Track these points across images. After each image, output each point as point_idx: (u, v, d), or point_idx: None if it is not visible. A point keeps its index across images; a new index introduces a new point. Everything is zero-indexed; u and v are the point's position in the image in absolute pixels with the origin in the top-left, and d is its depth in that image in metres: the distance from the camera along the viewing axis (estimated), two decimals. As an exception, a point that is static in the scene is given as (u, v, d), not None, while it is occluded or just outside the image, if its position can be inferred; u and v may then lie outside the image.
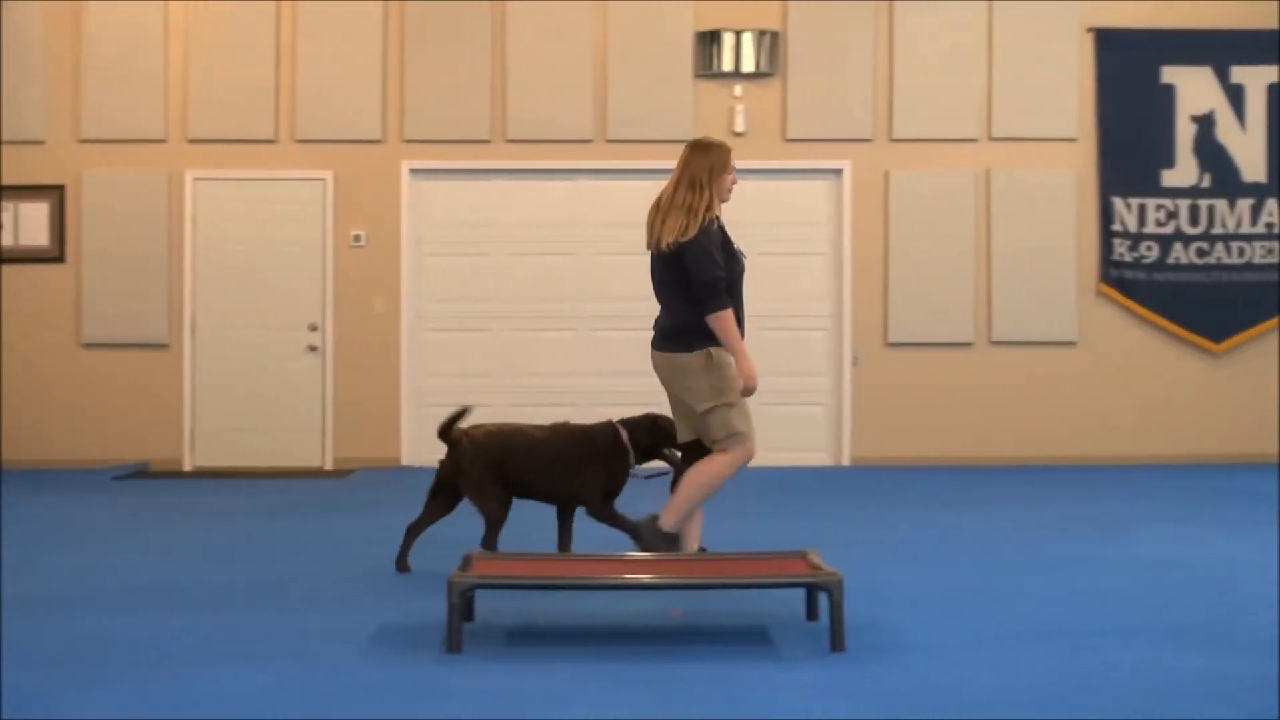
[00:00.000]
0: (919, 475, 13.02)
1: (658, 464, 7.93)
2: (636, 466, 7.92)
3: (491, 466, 7.88)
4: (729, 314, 7.35)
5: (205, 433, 13.76)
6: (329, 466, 13.71)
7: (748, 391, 7.39)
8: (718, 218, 7.45)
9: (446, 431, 7.99)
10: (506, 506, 7.93)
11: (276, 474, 13.29)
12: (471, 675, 5.53)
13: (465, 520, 8.05)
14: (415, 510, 10.70)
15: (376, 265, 13.78)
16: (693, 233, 7.33)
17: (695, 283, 7.32)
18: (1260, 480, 12.42)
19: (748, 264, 7.67)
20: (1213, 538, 9.18)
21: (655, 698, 5.20)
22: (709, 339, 7.38)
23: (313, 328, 13.76)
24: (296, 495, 11.70)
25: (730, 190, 7.54)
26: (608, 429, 8.04)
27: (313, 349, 13.75)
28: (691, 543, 7.37)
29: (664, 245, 7.38)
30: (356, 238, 13.78)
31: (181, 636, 6.21)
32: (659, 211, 7.49)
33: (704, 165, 7.42)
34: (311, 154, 13.76)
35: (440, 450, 8.11)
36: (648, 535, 7.24)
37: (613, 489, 7.89)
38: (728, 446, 7.37)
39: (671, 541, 7.22)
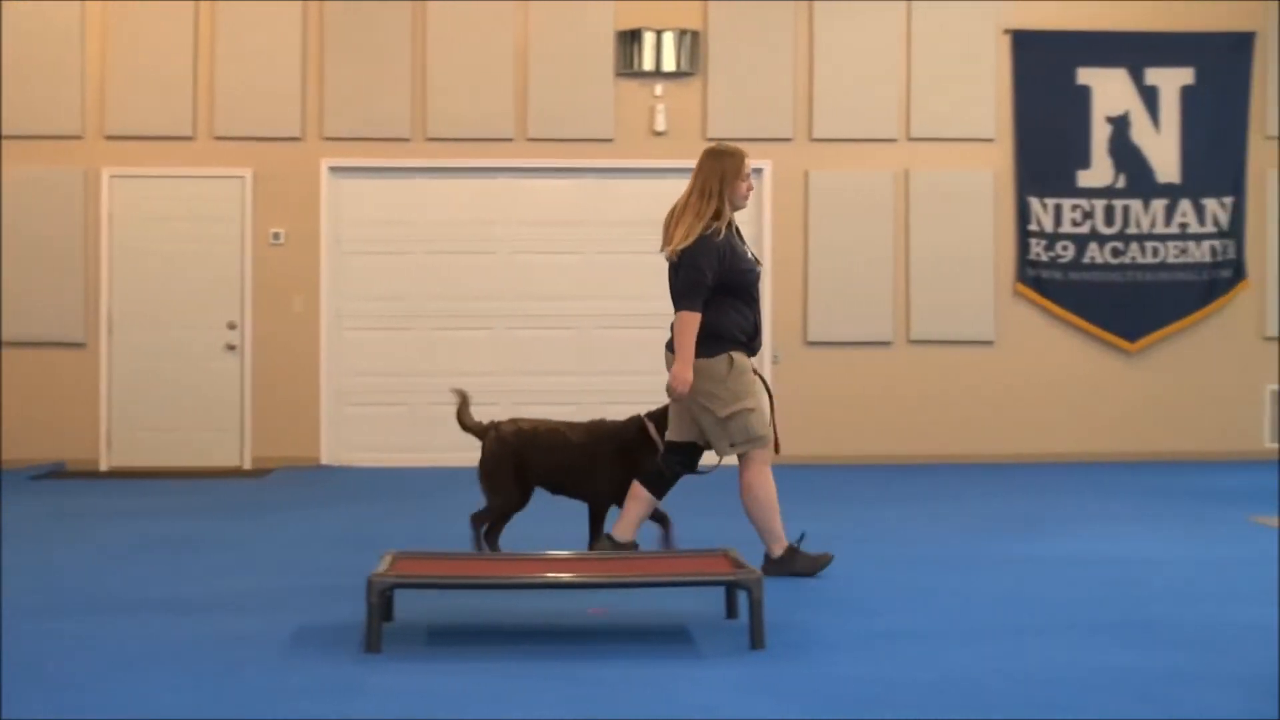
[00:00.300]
0: (839, 473, 13.09)
1: (708, 459, 7.85)
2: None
3: (512, 462, 7.96)
4: (694, 319, 7.41)
5: (122, 432, 13.65)
6: (247, 466, 13.63)
7: (670, 391, 7.35)
8: (728, 225, 7.45)
9: (465, 423, 8.13)
10: (514, 504, 8.02)
11: (194, 474, 13.19)
12: (389, 675, 5.51)
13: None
14: (334, 510, 10.69)
15: (296, 263, 13.71)
16: (692, 240, 7.37)
17: (676, 283, 7.44)
18: (1175, 477, 12.57)
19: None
20: (1129, 534, 9.28)
21: (574, 696, 5.21)
22: (730, 344, 7.44)
23: (231, 326, 13.67)
24: (214, 495, 11.63)
25: (745, 197, 7.57)
26: (634, 424, 8.01)
27: (231, 348, 13.66)
28: (628, 534, 7.63)
29: (669, 252, 7.45)
30: (275, 236, 13.70)
31: (97, 639, 6.16)
32: (673, 217, 7.53)
33: (716, 172, 7.48)
34: (230, 151, 13.66)
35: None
36: (774, 571, 7.50)
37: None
38: (747, 451, 7.55)
39: (790, 560, 7.61)
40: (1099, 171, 14.13)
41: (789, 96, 13.94)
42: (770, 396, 7.78)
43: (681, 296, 7.41)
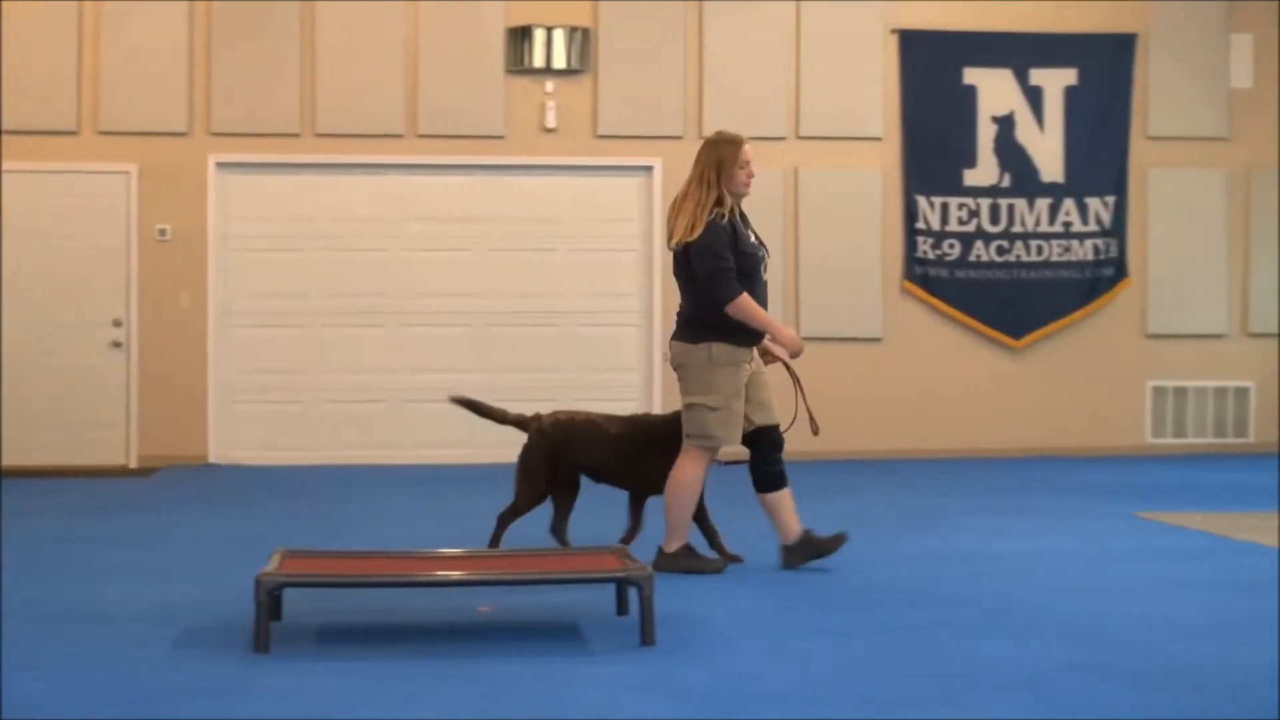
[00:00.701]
0: (728, 470, 13.12)
1: (738, 451, 7.82)
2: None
3: (550, 455, 8.04)
4: (744, 299, 7.46)
5: (7, 430, 13.43)
6: (134, 465, 13.48)
7: (793, 354, 7.71)
8: (730, 212, 7.44)
9: (504, 419, 8.30)
10: (539, 499, 8.10)
11: (80, 472, 13.03)
12: (278, 674, 5.48)
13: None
14: (222, 508, 10.61)
15: (182, 260, 13.58)
16: (698, 231, 7.39)
17: (699, 279, 7.45)
18: (1060, 473, 12.74)
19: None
20: (1015, 529, 9.39)
21: (462, 694, 5.20)
22: (714, 335, 7.48)
23: (117, 323, 13.51)
24: (100, 494, 11.50)
25: (746, 184, 7.51)
26: (673, 418, 7.94)
27: (117, 345, 13.51)
28: (794, 528, 7.74)
29: (672, 243, 7.49)
30: (162, 232, 13.56)
31: (-19, 639, 6.09)
32: (674, 209, 7.53)
33: (713, 161, 7.48)
34: (115, 146, 13.51)
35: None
36: (666, 566, 7.48)
37: None
38: (693, 446, 7.59)
39: (684, 557, 7.60)
40: (984, 171, 14.29)
41: (679, 94, 13.98)
42: (797, 383, 7.97)
43: (716, 291, 7.43)
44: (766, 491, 7.74)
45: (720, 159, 7.47)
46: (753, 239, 7.58)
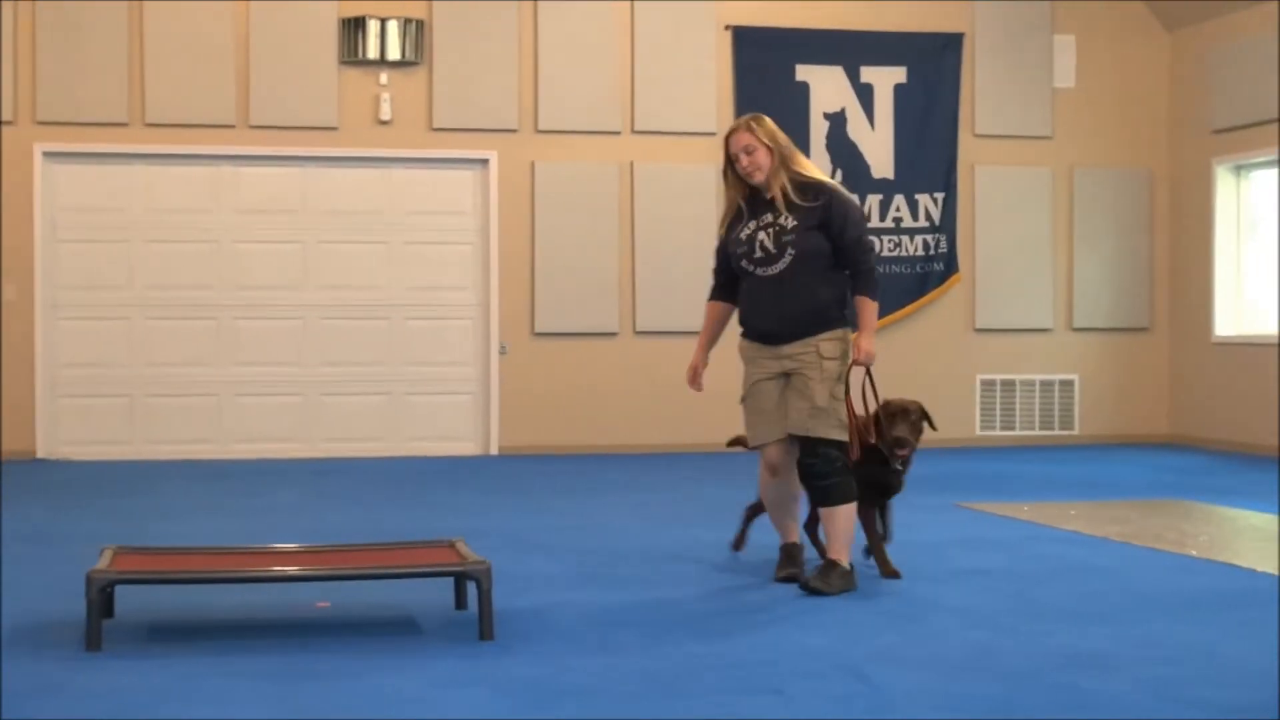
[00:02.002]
0: (567, 464, 13.20)
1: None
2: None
3: None
4: (708, 307, 7.71)
5: None
6: (-43, 460, 13.21)
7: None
8: (740, 201, 7.19)
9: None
10: None
11: (-100, 468, 12.73)
12: (108, 673, 5.41)
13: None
14: (51, 504, 10.42)
15: (7, 251, 13.31)
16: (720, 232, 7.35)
17: None
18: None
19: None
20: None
21: (294, 691, 5.17)
22: (743, 331, 7.38)
23: (-61, 316, 13.23)
24: (-78, 490, 11.24)
25: (745, 169, 7.06)
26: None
27: (-61, 338, 13.22)
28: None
29: None
30: (-14, 222, 13.29)
31: None
32: None
33: (725, 155, 7.22)
34: (-63, 135, 13.22)
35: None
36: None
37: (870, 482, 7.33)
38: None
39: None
40: (817, 166, 14.43)
41: (514, 88, 13.99)
42: (846, 388, 7.11)
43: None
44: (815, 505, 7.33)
45: (725, 152, 7.20)
46: (745, 233, 7.13)
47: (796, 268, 7.02)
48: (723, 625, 6.28)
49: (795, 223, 7.01)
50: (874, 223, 14.50)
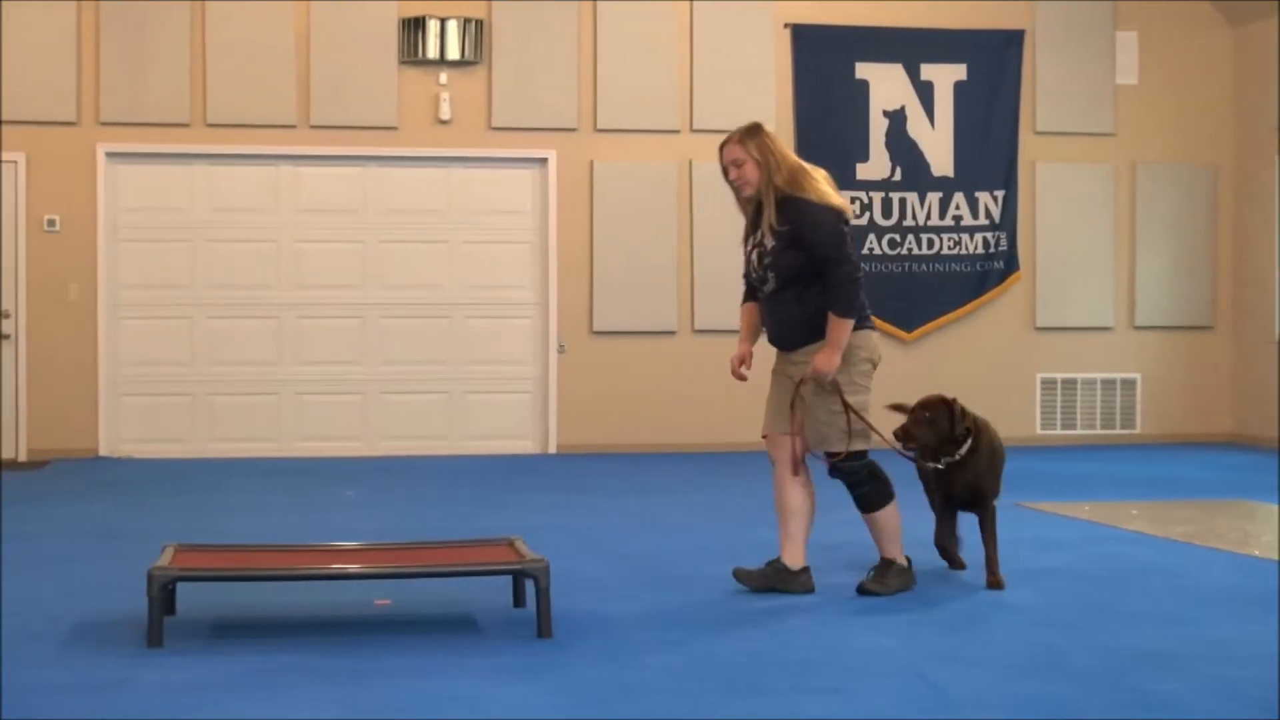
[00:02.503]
0: (625, 462, 13.19)
1: None
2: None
3: None
4: (741, 309, 7.42)
5: (-112, 424, 13.24)
6: (23, 458, 13.31)
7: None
8: (755, 217, 7.08)
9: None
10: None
11: (-35, 466, 12.86)
12: (164, 669, 5.44)
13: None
14: (113, 502, 10.51)
15: (71, 250, 13.41)
16: None
17: None
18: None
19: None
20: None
21: (353, 688, 5.19)
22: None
23: (4, 315, 13.33)
24: (-13, 488, 11.34)
25: (735, 181, 7.04)
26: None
27: (5, 336, 13.32)
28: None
29: None
30: (50, 222, 13.38)
31: None
32: None
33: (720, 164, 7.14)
34: (2, 135, 13.30)
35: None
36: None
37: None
38: None
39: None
40: (876, 164, 14.42)
41: (573, 87, 13.99)
42: (839, 396, 7.09)
43: None
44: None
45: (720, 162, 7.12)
46: (745, 250, 7.12)
47: (782, 288, 6.94)
48: (783, 624, 6.26)
49: (774, 244, 6.89)
50: (934, 221, 14.44)
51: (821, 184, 6.97)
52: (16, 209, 13.34)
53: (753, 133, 7.01)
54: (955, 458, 7.12)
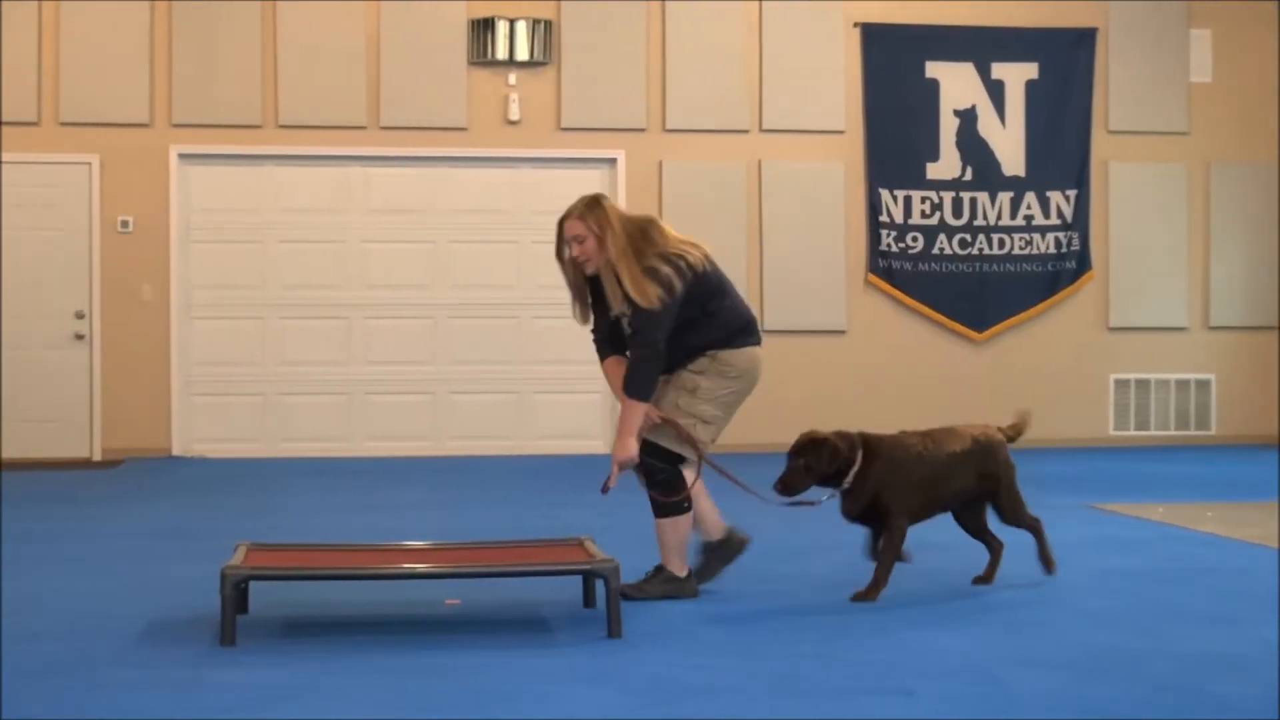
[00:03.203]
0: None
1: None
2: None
3: None
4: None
5: (-35, 423, 13.39)
6: (97, 457, 13.44)
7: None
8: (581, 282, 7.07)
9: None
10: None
11: (43, 465, 12.98)
12: (237, 668, 5.47)
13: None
14: (186, 501, 10.59)
15: (144, 252, 13.53)
16: None
17: None
18: (1019, 465, 12.75)
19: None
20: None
21: (424, 687, 5.21)
22: None
23: (79, 315, 13.46)
24: (64, 487, 11.45)
25: (578, 257, 6.91)
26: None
27: (80, 337, 13.45)
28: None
29: None
30: (124, 224, 13.51)
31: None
32: None
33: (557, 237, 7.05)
34: (76, 137, 13.45)
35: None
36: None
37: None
38: None
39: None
40: (947, 164, 14.35)
41: (642, 87, 14.00)
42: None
43: None
44: None
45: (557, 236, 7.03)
46: (607, 314, 7.09)
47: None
48: (851, 625, 6.23)
49: (633, 309, 6.78)
50: (1005, 220, 14.36)
51: (669, 240, 6.86)
52: (91, 210, 13.47)
53: (592, 207, 6.92)
54: (845, 485, 6.87)
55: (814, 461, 6.83)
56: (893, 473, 6.85)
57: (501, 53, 13.74)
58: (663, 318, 6.71)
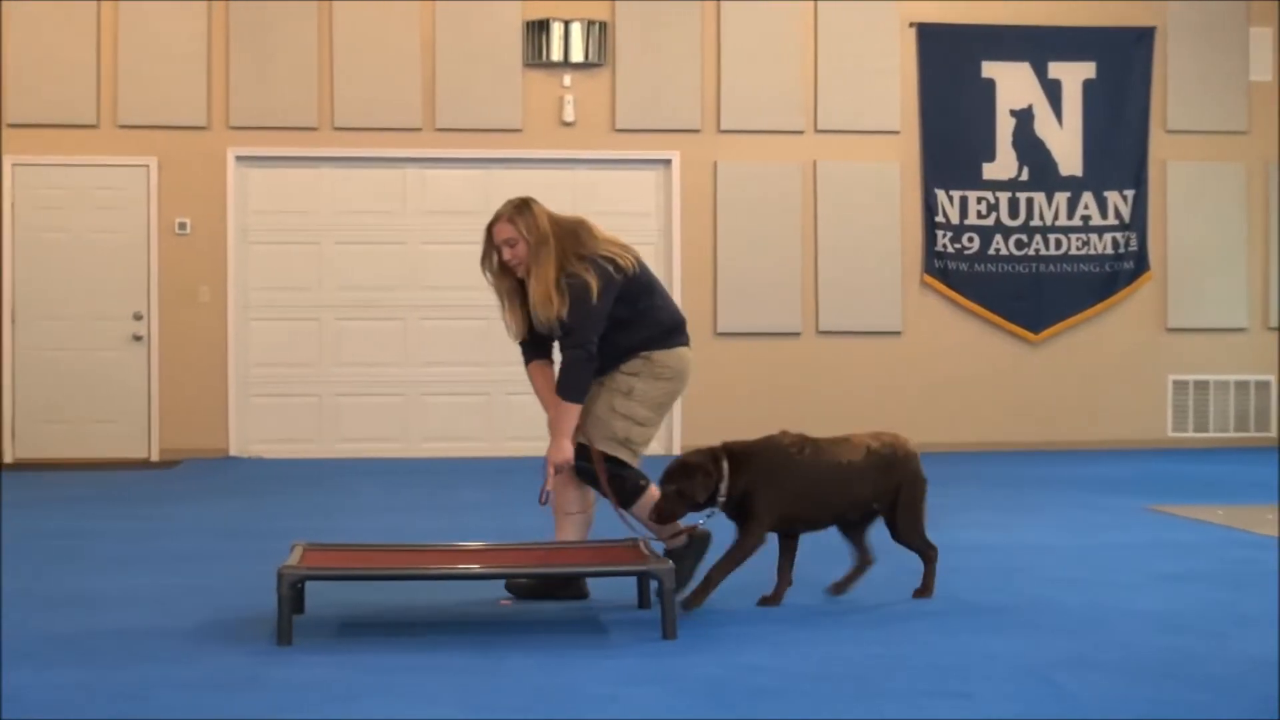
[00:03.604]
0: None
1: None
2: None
3: None
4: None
5: (27, 425, 13.49)
6: (155, 458, 13.53)
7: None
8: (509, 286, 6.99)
9: None
10: None
11: (101, 466, 13.09)
12: (294, 667, 5.49)
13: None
14: (243, 501, 10.64)
15: (202, 253, 13.61)
16: None
17: None
18: (1077, 467, 12.72)
19: None
20: (1026, 523, 9.39)
21: (480, 687, 5.22)
22: None
23: (137, 317, 13.56)
24: (121, 487, 11.53)
25: (510, 262, 6.88)
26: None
27: (137, 338, 13.55)
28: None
29: None
30: (181, 225, 13.60)
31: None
32: None
33: (485, 242, 7.04)
34: (134, 140, 13.55)
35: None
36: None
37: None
38: None
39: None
40: (1003, 164, 14.28)
41: (696, 88, 13.99)
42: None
43: None
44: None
45: (487, 241, 7.03)
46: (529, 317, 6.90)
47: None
48: (909, 627, 6.21)
49: (560, 315, 6.69)
50: (1062, 221, 14.29)
51: (598, 242, 6.91)
52: (149, 213, 13.56)
53: (521, 209, 6.92)
54: (722, 500, 6.54)
55: (686, 487, 6.50)
56: (762, 478, 6.55)
57: (556, 54, 13.75)
58: (594, 318, 6.67)
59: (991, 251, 14.21)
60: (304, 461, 13.33)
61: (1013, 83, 14.32)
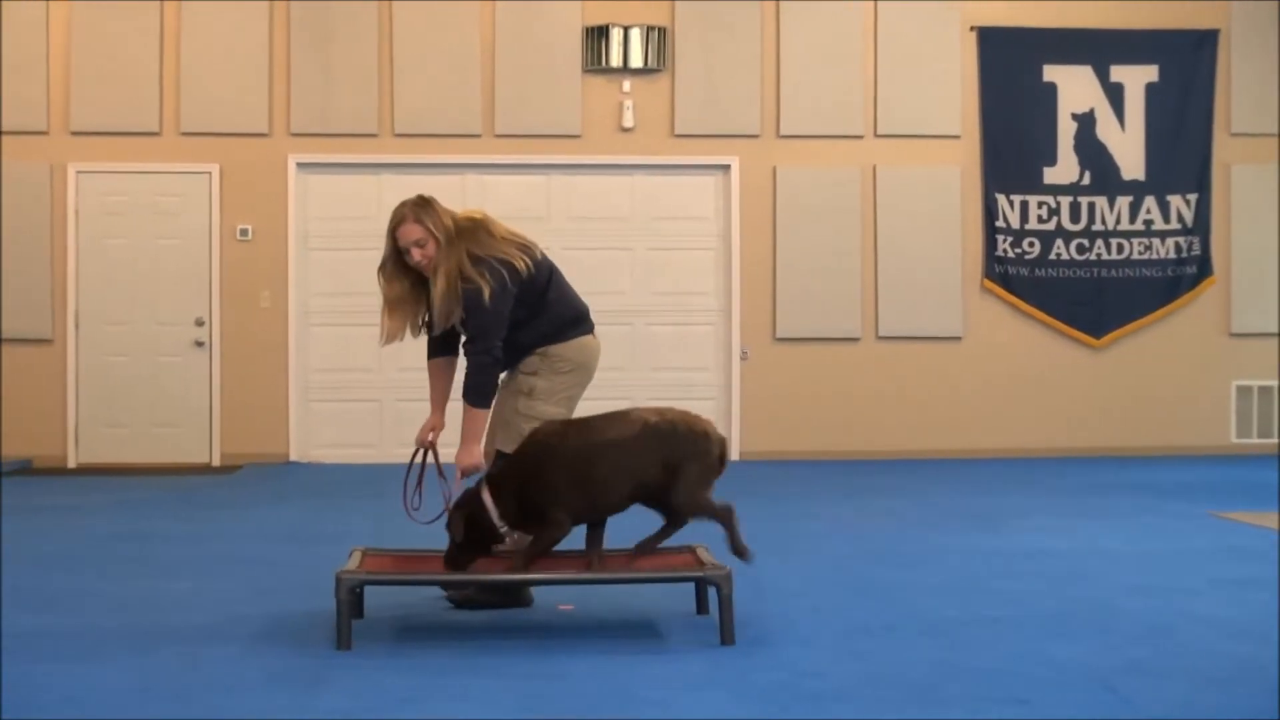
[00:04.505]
0: (807, 469, 13.13)
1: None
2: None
3: None
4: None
5: (90, 429, 13.61)
6: (216, 463, 13.61)
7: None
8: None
9: None
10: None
11: (163, 470, 13.18)
12: (353, 671, 5.52)
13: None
14: (302, 506, 10.69)
15: (263, 259, 13.69)
16: None
17: None
18: (1139, 472, 12.63)
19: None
20: (1089, 528, 9.33)
21: (540, 692, 5.23)
22: None
23: (199, 322, 13.65)
24: (183, 492, 11.61)
25: (420, 262, 6.84)
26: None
27: (199, 344, 13.64)
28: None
29: None
30: (243, 231, 13.68)
31: (61, 635, 6.15)
32: None
33: (390, 244, 7.00)
34: (197, 147, 13.64)
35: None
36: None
37: None
38: None
39: None
40: (1065, 168, 14.20)
41: (756, 93, 13.97)
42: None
43: None
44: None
45: (391, 243, 6.98)
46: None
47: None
48: (967, 633, 6.18)
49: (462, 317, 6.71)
50: (1124, 225, 14.19)
51: (497, 242, 6.90)
52: (210, 219, 13.66)
53: (425, 208, 6.88)
54: (502, 527, 6.33)
55: (456, 533, 6.33)
56: (531, 478, 6.37)
57: (615, 60, 13.77)
58: (494, 323, 6.70)
59: (1053, 256, 14.13)
60: (364, 467, 13.38)
61: (1074, 86, 14.24)
